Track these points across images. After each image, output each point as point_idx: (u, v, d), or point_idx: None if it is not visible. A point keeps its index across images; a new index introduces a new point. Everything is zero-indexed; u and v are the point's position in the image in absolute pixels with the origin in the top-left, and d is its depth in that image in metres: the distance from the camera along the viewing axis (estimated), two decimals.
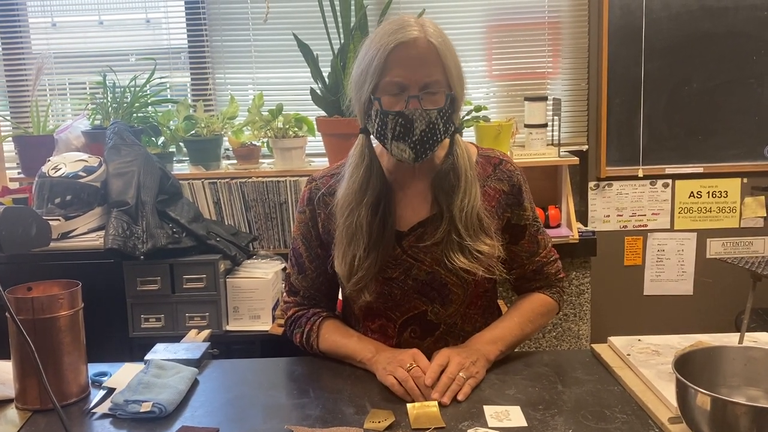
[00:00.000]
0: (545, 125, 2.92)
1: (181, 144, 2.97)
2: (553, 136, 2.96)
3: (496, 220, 1.54)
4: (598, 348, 1.54)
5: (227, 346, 2.39)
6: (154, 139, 2.96)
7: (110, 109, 2.91)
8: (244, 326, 2.50)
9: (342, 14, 2.72)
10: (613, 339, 1.55)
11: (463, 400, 1.33)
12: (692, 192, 3.18)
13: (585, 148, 3.14)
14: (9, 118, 3.16)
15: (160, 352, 1.58)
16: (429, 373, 1.36)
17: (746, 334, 1.44)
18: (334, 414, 1.28)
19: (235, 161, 2.96)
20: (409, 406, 1.30)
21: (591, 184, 3.19)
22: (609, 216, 3.21)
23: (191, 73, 3.18)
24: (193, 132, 2.92)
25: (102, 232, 2.43)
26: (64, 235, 2.47)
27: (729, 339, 1.51)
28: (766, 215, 3.19)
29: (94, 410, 1.33)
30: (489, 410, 1.28)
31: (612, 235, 3.20)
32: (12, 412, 1.34)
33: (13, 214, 1.35)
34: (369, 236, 1.46)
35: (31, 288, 1.41)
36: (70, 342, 1.35)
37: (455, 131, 1.47)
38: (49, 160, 2.59)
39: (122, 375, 1.46)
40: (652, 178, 3.17)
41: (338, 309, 1.71)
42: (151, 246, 2.40)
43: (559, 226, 2.93)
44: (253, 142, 2.95)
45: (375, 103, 1.41)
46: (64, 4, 3.16)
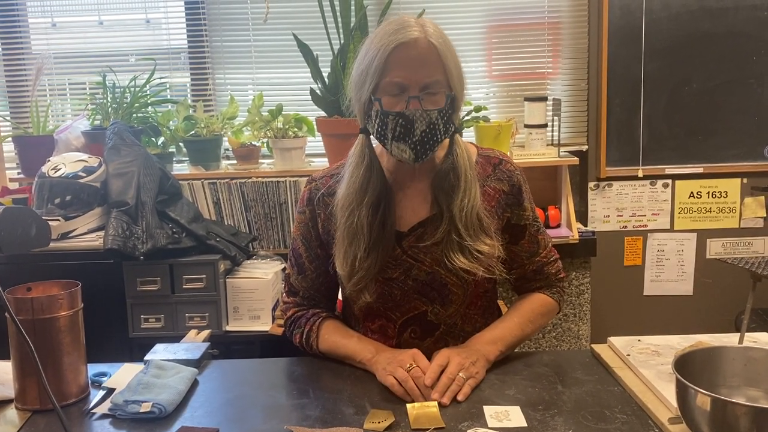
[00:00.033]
0: (545, 125, 2.91)
1: (181, 144, 2.97)
2: (553, 136, 2.96)
3: (496, 220, 1.54)
4: (598, 348, 1.54)
5: (227, 347, 2.39)
6: (153, 139, 2.96)
7: (110, 109, 2.91)
8: (244, 326, 2.50)
9: (342, 14, 2.72)
10: (613, 339, 1.55)
11: (463, 401, 1.33)
12: (692, 192, 3.18)
13: (585, 148, 3.14)
14: (9, 118, 3.16)
15: (160, 352, 1.58)
16: (429, 373, 1.36)
17: (746, 335, 1.44)
18: (333, 414, 1.28)
19: (235, 161, 2.96)
20: (408, 406, 1.30)
21: (591, 185, 3.18)
22: (609, 216, 3.21)
23: (191, 74, 3.18)
24: (193, 132, 2.92)
25: (102, 233, 2.43)
26: (64, 236, 2.47)
27: (729, 339, 1.51)
28: (766, 215, 3.19)
29: (93, 410, 1.33)
30: (489, 410, 1.28)
31: (612, 236, 3.20)
32: (12, 413, 1.34)
33: (12, 215, 1.36)
34: (369, 236, 1.46)
35: (31, 288, 1.41)
36: (70, 342, 1.35)
37: (455, 131, 1.47)
38: (49, 161, 2.59)
39: (122, 375, 1.46)
40: (652, 178, 3.17)
41: (338, 309, 1.71)
42: (151, 246, 2.40)
43: (559, 226, 2.93)
44: (253, 143, 2.95)
45: (375, 104, 1.41)
46: (64, 4, 3.16)
